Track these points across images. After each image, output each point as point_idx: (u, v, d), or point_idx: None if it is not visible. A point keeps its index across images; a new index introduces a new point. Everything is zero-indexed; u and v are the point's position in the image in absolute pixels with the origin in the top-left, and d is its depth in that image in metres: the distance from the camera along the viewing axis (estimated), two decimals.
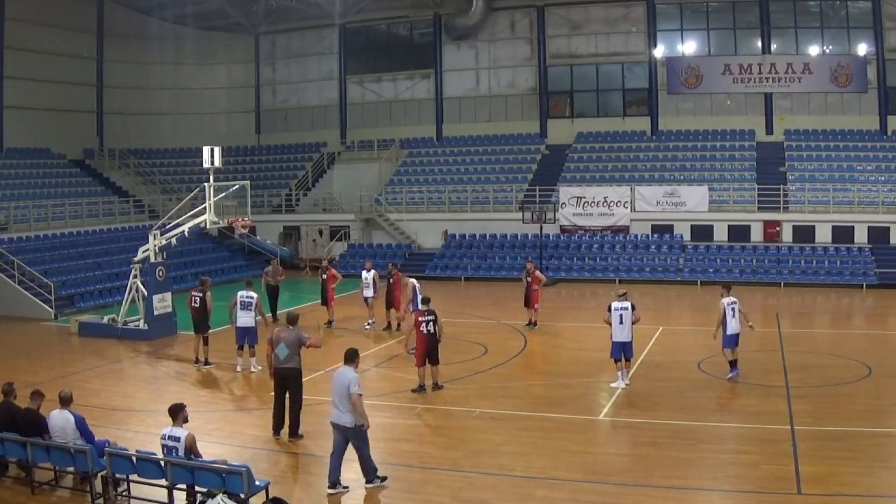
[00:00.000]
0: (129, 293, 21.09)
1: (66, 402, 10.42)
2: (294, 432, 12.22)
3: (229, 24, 40.65)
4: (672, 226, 31.88)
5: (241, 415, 14.15)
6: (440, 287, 27.17)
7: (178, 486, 9.38)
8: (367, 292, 21.34)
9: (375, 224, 35.50)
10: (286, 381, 12.20)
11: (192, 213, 21.08)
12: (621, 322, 14.77)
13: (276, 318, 21.50)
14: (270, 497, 9.22)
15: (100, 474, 9.82)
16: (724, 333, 15.16)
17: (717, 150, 34.66)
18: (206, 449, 10.16)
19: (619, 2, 36.56)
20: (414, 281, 19.56)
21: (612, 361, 15.03)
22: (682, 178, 33.23)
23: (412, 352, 16.16)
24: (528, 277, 21.09)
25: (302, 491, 10.52)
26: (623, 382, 14.87)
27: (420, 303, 15.69)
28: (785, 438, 11.86)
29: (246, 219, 22.41)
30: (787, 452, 11.28)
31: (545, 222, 30.11)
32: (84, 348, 20.13)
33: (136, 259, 21.16)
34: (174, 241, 20.81)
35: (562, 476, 10.64)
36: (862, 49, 33.55)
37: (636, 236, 32.05)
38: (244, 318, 16.72)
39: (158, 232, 20.73)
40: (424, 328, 14.56)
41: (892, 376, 15.45)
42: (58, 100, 35.71)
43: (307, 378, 13.26)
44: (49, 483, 10.44)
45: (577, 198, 32.84)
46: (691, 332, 20.95)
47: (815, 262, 28.90)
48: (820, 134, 34.19)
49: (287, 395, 12.26)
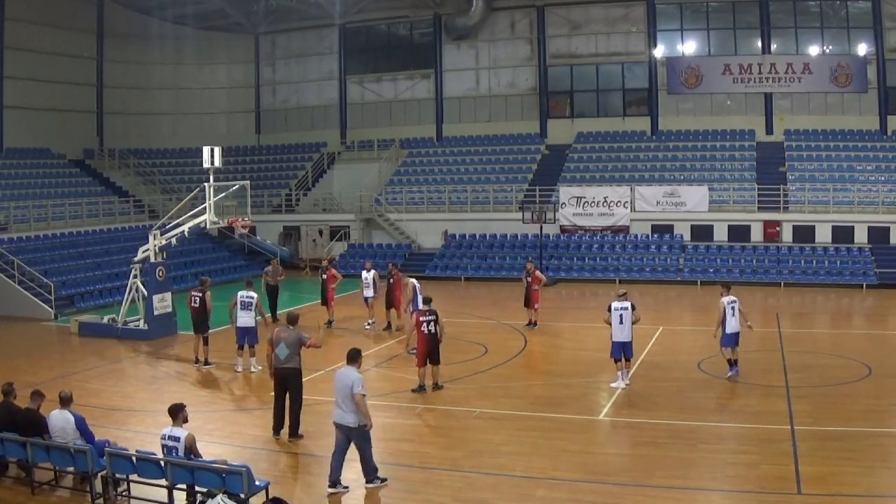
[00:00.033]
0: (129, 293, 21.10)
1: (66, 402, 10.43)
2: (294, 432, 12.22)
3: (229, 24, 40.65)
4: (672, 226, 31.88)
5: (241, 415, 14.15)
6: (440, 287, 27.15)
7: (178, 486, 9.39)
8: (367, 292, 21.35)
9: (375, 224, 35.50)
10: (286, 381, 12.20)
11: (192, 213, 21.08)
12: (621, 322, 14.78)
13: (275, 318, 21.52)
14: (270, 497, 9.22)
15: (100, 474, 9.82)
16: (724, 332, 15.17)
17: (717, 150, 34.65)
18: (206, 449, 10.17)
19: (619, 2, 36.56)
20: (414, 281, 19.55)
21: (612, 361, 15.03)
22: (682, 178, 33.23)
23: (412, 352, 16.17)
24: (528, 277, 21.09)
25: (302, 491, 10.52)
26: (623, 382, 14.88)
27: (422, 303, 15.68)
28: (785, 438, 11.86)
29: (246, 219, 22.41)
30: (787, 452, 11.28)
31: (545, 222, 30.10)
32: (84, 348, 20.13)
33: (136, 259, 21.16)
34: (174, 241, 20.81)
35: (562, 476, 10.64)
36: (862, 49, 33.55)
37: (636, 236, 32.05)
38: (244, 318, 16.73)
39: (158, 232, 20.72)
40: (425, 328, 14.56)
41: (892, 376, 15.45)
42: (58, 100, 35.71)
43: (307, 378, 13.26)
44: (49, 483, 10.44)
45: (577, 198, 32.84)
46: (691, 332, 20.97)
47: (815, 262, 28.90)
48: (820, 134, 34.19)
49: (287, 395, 12.26)
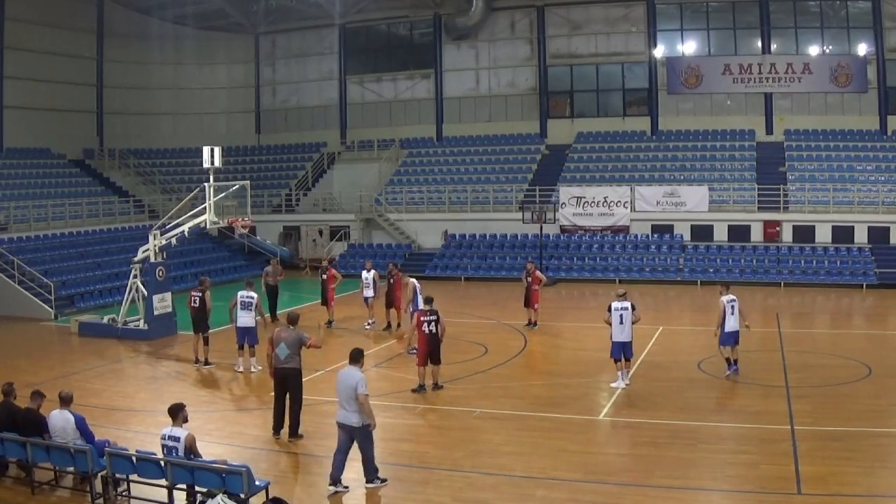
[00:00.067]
0: (129, 293, 21.09)
1: (66, 402, 10.42)
2: (294, 432, 12.21)
3: (229, 24, 40.65)
4: (672, 226, 31.88)
5: (241, 415, 14.15)
6: (440, 287, 27.13)
7: (178, 486, 9.38)
8: (367, 292, 21.34)
9: (375, 224, 35.49)
10: (286, 381, 12.20)
11: (192, 213, 21.07)
12: (621, 322, 14.77)
13: (275, 318, 21.53)
14: (270, 497, 9.22)
15: (100, 474, 9.82)
16: (723, 331, 15.19)
17: (717, 150, 34.65)
18: (206, 449, 10.17)
19: (619, 2, 36.55)
20: (414, 281, 19.53)
21: (612, 361, 15.02)
22: (682, 178, 33.23)
23: (412, 352, 16.17)
24: (528, 277, 21.10)
25: (302, 491, 10.51)
26: (623, 382, 14.87)
27: (423, 302, 15.67)
28: (785, 438, 11.86)
29: (246, 219, 22.40)
30: (787, 452, 11.28)
31: (545, 222, 30.10)
32: (84, 348, 20.13)
33: (136, 259, 21.16)
34: (174, 241, 20.81)
35: (562, 476, 10.64)
36: (862, 49, 33.54)
37: (636, 236, 32.04)
38: (244, 318, 16.72)
39: (158, 232, 20.72)
40: (426, 328, 14.57)
41: (892, 376, 15.45)
42: (58, 100, 35.71)
43: (307, 378, 13.27)
44: (49, 483, 10.44)
45: (577, 198, 32.83)
46: (691, 332, 20.97)
47: (815, 262, 28.90)
48: (820, 134, 34.19)
49: (287, 396, 12.25)
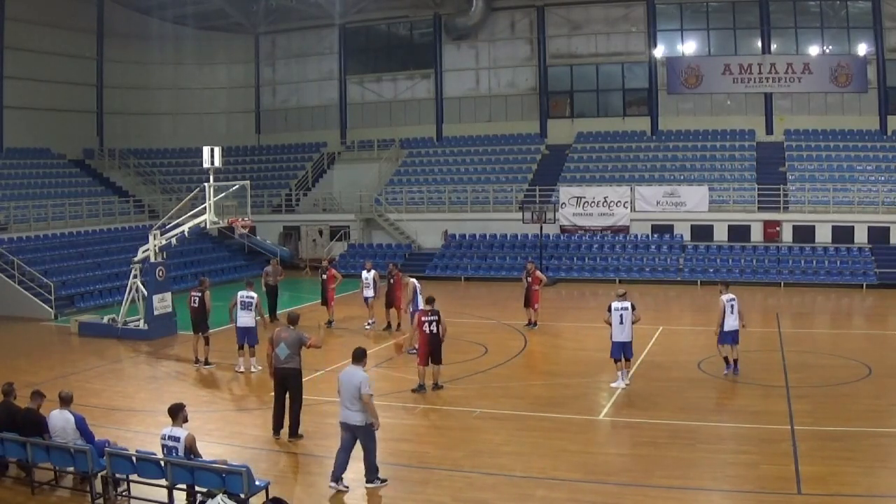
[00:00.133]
0: (129, 293, 21.09)
1: (66, 402, 10.42)
2: (294, 432, 12.21)
3: (229, 24, 40.65)
4: (672, 226, 31.88)
5: (241, 415, 14.15)
6: (440, 287, 27.12)
7: (178, 486, 9.38)
8: (367, 292, 21.34)
9: (375, 224, 35.49)
10: (286, 381, 12.19)
11: (192, 213, 21.07)
12: (621, 322, 14.77)
13: (274, 318, 21.53)
14: (270, 497, 9.22)
15: (100, 474, 9.82)
16: (722, 330, 15.20)
17: (717, 150, 34.64)
18: (206, 449, 10.16)
19: (619, 2, 36.55)
20: (415, 281, 19.52)
21: (612, 361, 15.02)
22: (682, 178, 33.23)
23: (412, 352, 16.17)
24: (528, 277, 21.09)
25: (302, 491, 10.51)
26: (623, 382, 14.87)
27: (425, 302, 15.67)
28: (785, 438, 11.86)
29: (246, 219, 22.40)
30: (787, 452, 11.28)
31: (545, 222, 30.10)
32: (84, 348, 20.13)
33: (136, 259, 21.16)
34: (174, 241, 20.82)
35: (562, 476, 10.64)
36: (862, 49, 33.54)
37: (636, 236, 32.04)
38: (244, 318, 16.71)
39: (158, 232, 20.73)
40: (427, 328, 14.57)
41: (892, 376, 15.45)
42: (58, 100, 35.71)
43: (307, 378, 13.27)
44: (49, 483, 10.44)
45: (577, 198, 32.83)
46: (691, 332, 20.97)
47: (815, 262, 28.90)
48: (820, 134, 34.19)
49: (287, 395, 12.25)
